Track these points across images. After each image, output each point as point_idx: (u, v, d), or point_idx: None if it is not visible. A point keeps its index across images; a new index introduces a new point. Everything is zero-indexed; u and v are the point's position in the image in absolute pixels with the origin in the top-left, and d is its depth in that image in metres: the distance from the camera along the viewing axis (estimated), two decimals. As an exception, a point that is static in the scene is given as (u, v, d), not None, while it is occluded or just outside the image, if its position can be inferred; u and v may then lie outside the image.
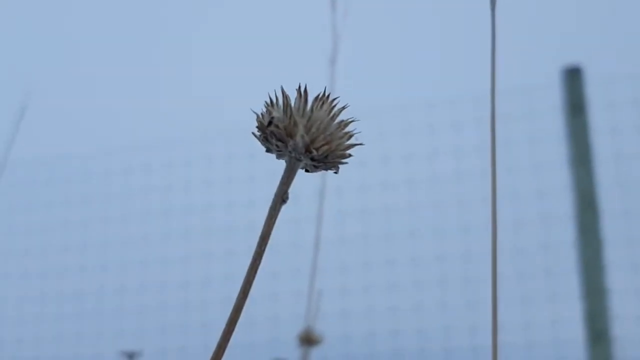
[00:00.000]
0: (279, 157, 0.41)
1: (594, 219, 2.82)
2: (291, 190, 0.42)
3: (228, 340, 0.37)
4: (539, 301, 3.01)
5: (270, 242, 0.42)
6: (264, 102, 0.40)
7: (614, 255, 2.85)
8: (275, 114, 0.40)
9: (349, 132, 0.40)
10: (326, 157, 0.40)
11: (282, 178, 0.41)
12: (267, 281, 3.25)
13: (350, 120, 0.40)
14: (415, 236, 3.21)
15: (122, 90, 4.28)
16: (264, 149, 0.42)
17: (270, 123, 0.39)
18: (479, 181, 3.17)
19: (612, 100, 2.99)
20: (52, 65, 4.11)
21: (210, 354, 0.42)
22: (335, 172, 0.42)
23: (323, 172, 0.43)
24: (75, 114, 4.04)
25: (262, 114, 0.41)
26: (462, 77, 3.58)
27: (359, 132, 0.41)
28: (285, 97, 0.40)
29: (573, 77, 2.99)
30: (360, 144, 0.41)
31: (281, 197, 0.41)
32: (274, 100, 0.40)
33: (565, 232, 2.90)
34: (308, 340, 0.98)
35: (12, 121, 1.46)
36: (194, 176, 3.54)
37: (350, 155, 0.41)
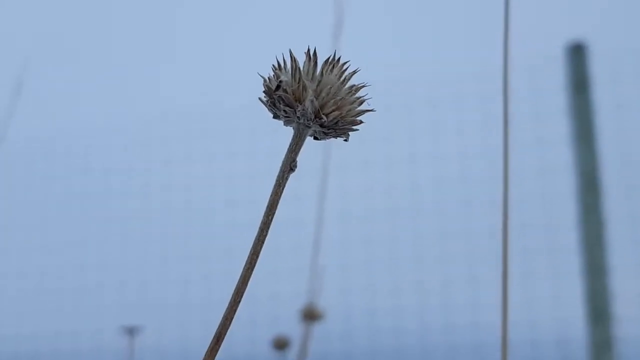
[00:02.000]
0: (286, 123, 0.40)
1: (596, 197, 2.81)
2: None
3: (235, 311, 0.36)
4: (540, 279, 3.01)
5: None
6: (272, 66, 0.39)
7: (616, 233, 2.85)
8: (283, 77, 0.38)
9: (360, 97, 0.39)
10: (336, 123, 0.38)
11: (290, 145, 0.39)
12: (269, 259, 3.24)
13: (361, 85, 0.39)
14: (418, 213, 3.20)
15: (120, 65, 4.25)
16: (271, 115, 0.40)
17: (278, 87, 0.38)
18: (481, 160, 3.16)
19: (616, 77, 2.96)
20: (49, 40, 4.07)
21: (212, 329, 0.41)
22: (345, 140, 0.40)
23: (326, 146, 0.42)
24: (74, 90, 4.01)
25: (269, 78, 0.39)
26: (464, 53, 3.55)
27: (370, 98, 0.39)
28: (293, 60, 0.38)
29: (577, 54, 2.96)
30: (372, 110, 0.39)
31: (289, 166, 0.39)
32: (282, 64, 0.39)
33: (568, 210, 2.89)
34: (310, 315, 0.96)
35: (9, 96, 1.44)
36: (194, 150, 3.52)
37: (361, 122, 0.39)
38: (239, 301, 0.37)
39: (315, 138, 0.40)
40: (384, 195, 3.26)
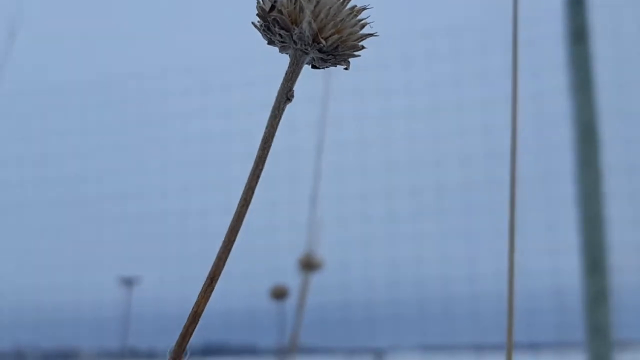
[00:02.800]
0: (282, 50, 0.36)
1: (594, 148, 2.78)
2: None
3: (229, 250, 0.33)
4: (535, 231, 3.00)
5: (270, 170, 0.38)
6: (266, -14, 0.35)
7: (613, 185, 2.83)
8: (278, -3, 0.34)
9: (362, 20, 0.35)
10: (336, 48, 0.35)
11: (286, 74, 0.36)
12: (266, 212, 3.23)
13: (363, 7, 0.36)
14: (415, 166, 3.18)
15: (135, 17, 4.17)
16: (266, 42, 0.37)
17: (272, 8, 0.34)
18: (478, 111, 3.13)
19: (616, 28, 2.91)
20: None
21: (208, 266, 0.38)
22: (346, 68, 0.37)
23: (325, 75, 0.38)
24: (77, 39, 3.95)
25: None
26: (460, 5, 3.49)
27: (373, 22, 0.36)
28: (289, -22, 0.35)
29: (576, 4, 2.90)
30: (375, 35, 0.36)
31: (285, 95, 0.36)
32: (277, -16, 0.35)
33: (565, 162, 2.87)
34: (308, 265, 0.94)
35: (2, 46, 1.40)
36: (190, 83, 3.48)
37: (362, 47, 0.36)
38: (234, 240, 0.34)
39: (314, 67, 0.37)
40: (380, 149, 3.24)
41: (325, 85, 1.00)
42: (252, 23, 0.36)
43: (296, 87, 0.37)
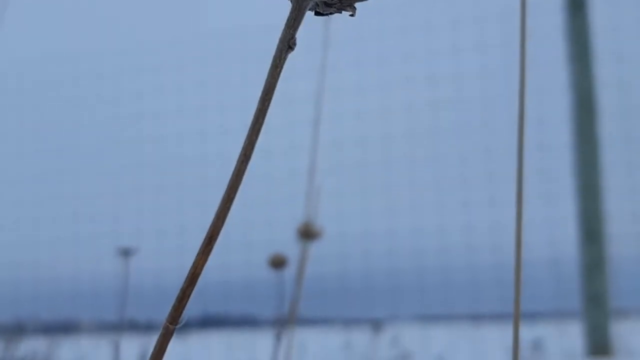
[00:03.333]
0: (284, -6, 0.34)
1: (591, 118, 2.76)
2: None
3: (228, 208, 0.31)
4: (533, 201, 2.99)
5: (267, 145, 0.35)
6: None
7: (610, 155, 2.81)
8: None
9: (369, -40, 0.33)
10: (342, -9, 0.32)
11: (288, 20, 0.33)
12: (265, 183, 3.21)
13: (370, -54, 0.33)
14: (411, 136, 3.16)
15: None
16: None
17: (274, -53, 0.32)
18: (476, 81, 3.10)
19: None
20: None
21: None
22: (352, 15, 0.34)
23: (327, 22, 0.36)
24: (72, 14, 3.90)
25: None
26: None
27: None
28: None
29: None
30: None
31: (287, 43, 0.33)
32: None
33: (562, 132, 2.85)
34: (307, 234, 0.92)
35: None
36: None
37: (370, -9, 0.33)
38: (233, 197, 0.32)
39: (317, 13, 0.34)
40: (378, 118, 3.21)
41: (324, 32, 0.97)
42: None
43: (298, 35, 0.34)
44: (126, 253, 1.09)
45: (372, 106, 3.21)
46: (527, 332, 3.02)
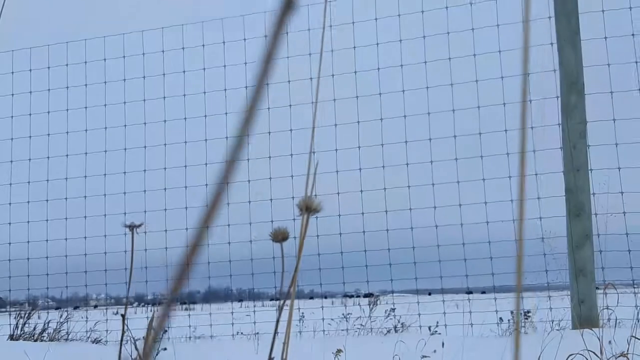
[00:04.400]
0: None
1: (579, 96, 2.75)
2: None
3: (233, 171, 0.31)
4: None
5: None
6: None
7: (596, 134, 2.80)
8: None
9: None
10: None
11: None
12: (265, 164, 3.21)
13: None
14: (405, 95, 3.15)
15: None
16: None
17: None
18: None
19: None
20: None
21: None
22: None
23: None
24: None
25: None
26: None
27: None
28: None
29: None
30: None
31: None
32: None
33: (553, 113, 2.84)
34: (308, 207, 0.92)
35: None
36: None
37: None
38: (246, 143, 0.32)
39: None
40: (372, 78, 3.21)
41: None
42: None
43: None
44: (133, 228, 1.09)
45: (366, 64, 3.21)
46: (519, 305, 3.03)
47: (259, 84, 0.33)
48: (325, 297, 3.63)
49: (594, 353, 1.91)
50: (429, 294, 3.59)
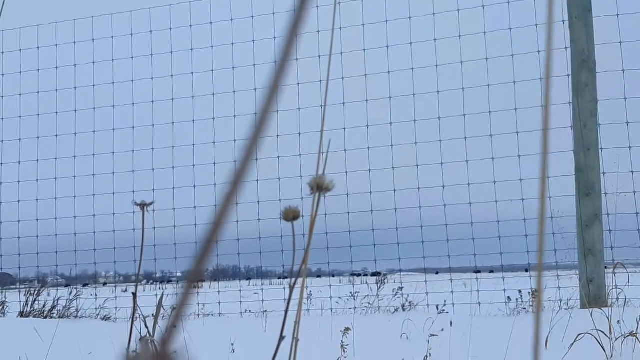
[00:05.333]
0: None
1: (589, 77, 2.72)
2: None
3: (257, 145, 0.30)
4: (531, 159, 2.97)
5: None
6: None
7: (607, 112, 2.78)
8: None
9: None
10: None
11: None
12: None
13: None
14: (414, 72, 3.13)
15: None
16: None
17: None
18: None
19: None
20: None
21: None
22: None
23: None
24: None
25: None
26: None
27: None
28: None
29: None
30: None
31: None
32: None
33: (563, 91, 2.81)
34: (319, 187, 0.90)
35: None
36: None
37: None
38: (262, 133, 0.31)
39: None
40: (380, 57, 3.19)
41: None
42: None
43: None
44: (143, 207, 1.09)
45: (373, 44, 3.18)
46: (527, 284, 3.04)
47: (281, 63, 0.32)
48: (333, 276, 3.64)
49: (602, 332, 1.91)
50: (437, 273, 3.58)
